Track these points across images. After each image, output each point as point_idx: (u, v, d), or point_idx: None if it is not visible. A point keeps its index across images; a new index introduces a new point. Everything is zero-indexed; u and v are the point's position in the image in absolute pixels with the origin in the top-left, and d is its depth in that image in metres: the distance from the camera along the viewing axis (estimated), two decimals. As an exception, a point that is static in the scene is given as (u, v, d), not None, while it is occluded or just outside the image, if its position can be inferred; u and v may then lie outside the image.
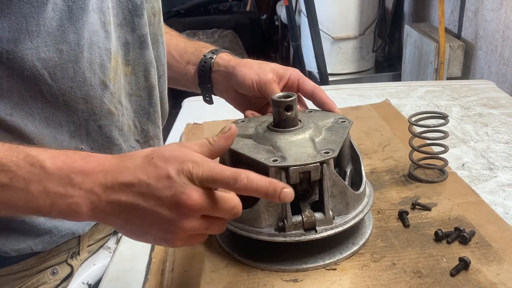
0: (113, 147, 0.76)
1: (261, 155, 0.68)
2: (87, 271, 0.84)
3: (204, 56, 0.89)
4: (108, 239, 0.89)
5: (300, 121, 0.72)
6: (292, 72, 0.84)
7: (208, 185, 0.54)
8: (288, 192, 0.55)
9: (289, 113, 0.71)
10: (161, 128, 0.91)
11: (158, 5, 0.84)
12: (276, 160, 0.65)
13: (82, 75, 0.68)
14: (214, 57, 0.88)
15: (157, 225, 0.53)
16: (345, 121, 0.76)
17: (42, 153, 0.53)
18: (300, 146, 0.68)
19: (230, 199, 0.55)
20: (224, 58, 0.88)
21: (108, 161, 0.54)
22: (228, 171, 0.54)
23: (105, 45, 0.71)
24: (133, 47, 0.77)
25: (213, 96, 0.93)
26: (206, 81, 0.89)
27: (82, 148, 0.72)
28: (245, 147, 0.71)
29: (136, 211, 0.53)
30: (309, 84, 0.83)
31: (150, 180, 0.52)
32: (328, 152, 0.66)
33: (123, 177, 0.53)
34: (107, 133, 0.74)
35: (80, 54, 0.66)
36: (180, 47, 0.93)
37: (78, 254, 0.81)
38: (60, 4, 0.63)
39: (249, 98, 0.86)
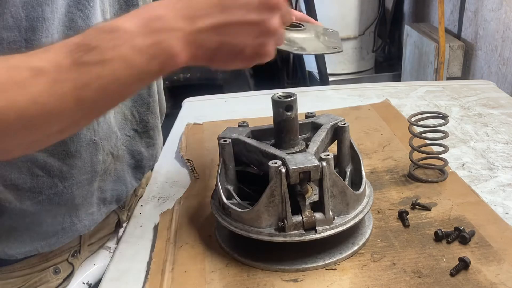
0: (113, 134, 0.78)
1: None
2: (87, 271, 0.84)
3: None
4: (108, 238, 0.89)
5: (302, 25, 0.75)
6: None
7: None
8: None
9: (289, 113, 0.71)
10: (159, 119, 0.92)
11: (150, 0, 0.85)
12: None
13: None
14: None
15: (250, 35, 0.54)
16: (332, 30, 0.79)
17: (111, 21, 0.52)
18: (312, 41, 0.71)
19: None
20: None
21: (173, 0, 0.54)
22: None
23: None
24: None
25: (213, 96, 0.93)
26: None
27: (94, 139, 0.73)
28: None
29: (227, 29, 0.53)
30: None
31: None
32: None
33: (200, 2, 0.53)
34: (108, 121, 0.75)
35: None
36: None
37: (79, 252, 0.82)
38: None
39: None
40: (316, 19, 2.61)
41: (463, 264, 0.66)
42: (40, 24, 0.60)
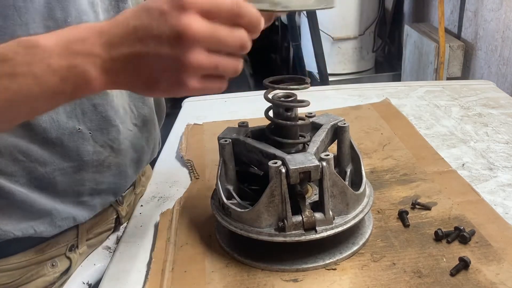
0: (110, 127, 0.77)
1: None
2: (87, 271, 0.84)
3: None
4: (108, 236, 0.89)
5: None
6: None
7: (208, 13, 0.50)
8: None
9: (289, 113, 0.71)
10: (154, 112, 0.91)
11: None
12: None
13: None
14: None
15: (164, 68, 0.51)
16: None
17: (34, 37, 0.51)
18: None
19: (235, 30, 0.52)
20: None
21: (100, 24, 0.52)
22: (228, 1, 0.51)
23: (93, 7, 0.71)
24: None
25: (213, 96, 0.93)
26: None
27: (79, 128, 0.73)
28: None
29: (140, 60, 0.51)
30: None
31: (144, 22, 0.50)
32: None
33: (118, 30, 0.51)
34: (102, 112, 0.75)
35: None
36: None
37: (77, 247, 0.82)
38: None
39: None
40: (316, 19, 2.61)
41: (463, 264, 0.66)
42: (12, 12, 0.62)
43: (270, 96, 0.72)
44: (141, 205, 0.90)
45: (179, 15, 0.49)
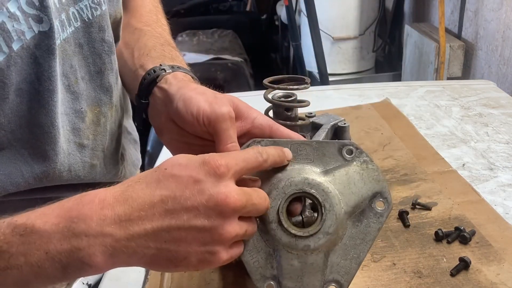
0: (106, 176, 0.73)
1: None
2: (87, 271, 0.84)
3: (160, 65, 0.68)
4: None
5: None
6: (258, 116, 0.62)
7: (240, 174, 0.49)
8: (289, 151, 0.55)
9: (289, 113, 0.71)
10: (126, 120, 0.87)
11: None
12: None
13: (62, 153, 0.62)
14: (168, 70, 0.67)
15: (196, 242, 0.46)
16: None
17: (29, 217, 0.45)
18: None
19: (259, 190, 0.51)
20: (178, 77, 0.66)
21: (110, 193, 0.46)
22: (251, 150, 0.51)
23: (75, 108, 0.64)
24: (117, 88, 0.72)
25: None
26: (142, 95, 0.68)
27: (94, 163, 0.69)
28: None
29: (168, 235, 0.45)
30: (286, 133, 0.61)
31: (174, 192, 0.45)
32: None
33: (138, 201, 0.45)
34: (94, 187, 0.71)
35: (57, 134, 0.60)
36: (146, 46, 0.75)
37: None
38: (26, 88, 0.57)
39: (188, 137, 0.63)
40: (316, 19, 2.61)
41: (464, 264, 0.66)
42: None
43: (270, 96, 0.72)
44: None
45: (216, 184, 0.46)
